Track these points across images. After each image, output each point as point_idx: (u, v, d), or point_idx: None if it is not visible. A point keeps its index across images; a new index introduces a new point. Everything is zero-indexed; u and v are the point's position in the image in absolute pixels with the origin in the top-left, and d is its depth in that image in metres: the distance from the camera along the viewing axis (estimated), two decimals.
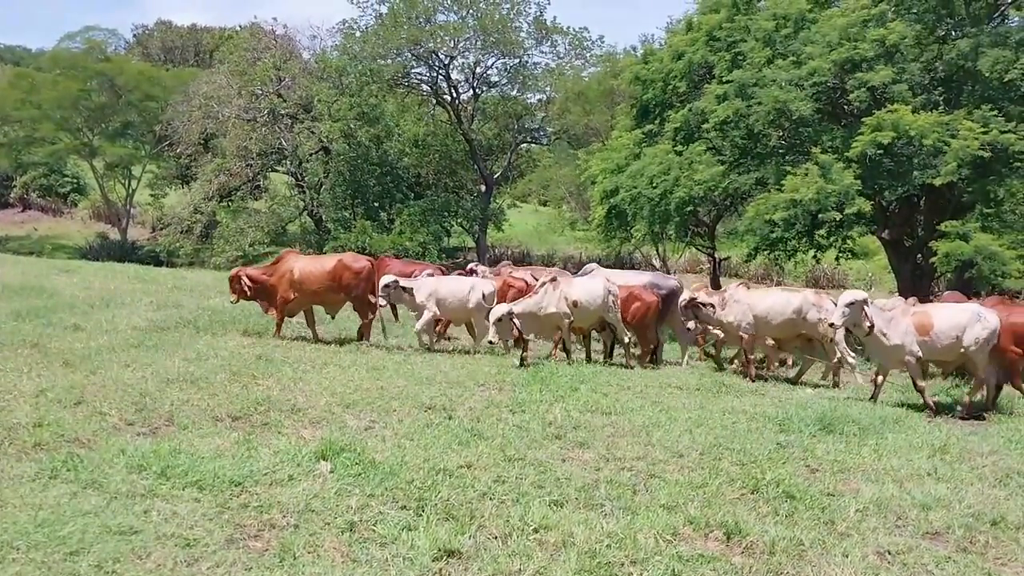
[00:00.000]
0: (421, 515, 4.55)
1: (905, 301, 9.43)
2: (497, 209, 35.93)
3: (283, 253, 11.65)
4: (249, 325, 11.21)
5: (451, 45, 32.70)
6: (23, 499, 4.42)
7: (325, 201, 31.73)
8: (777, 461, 6.03)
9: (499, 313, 9.85)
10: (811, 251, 17.21)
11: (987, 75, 14.15)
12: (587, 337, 11.45)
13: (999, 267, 13.62)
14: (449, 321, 11.86)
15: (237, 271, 11.17)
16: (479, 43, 32.95)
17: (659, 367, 11.23)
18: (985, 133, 13.54)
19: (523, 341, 10.19)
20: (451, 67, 33.68)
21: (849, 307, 8.67)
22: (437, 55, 32.91)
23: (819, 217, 14.61)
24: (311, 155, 32.04)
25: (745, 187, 16.71)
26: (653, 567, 4.14)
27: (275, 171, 35.84)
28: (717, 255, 25.65)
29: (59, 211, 47.45)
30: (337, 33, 34.07)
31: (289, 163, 33.05)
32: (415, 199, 32.32)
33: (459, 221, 34.35)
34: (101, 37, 41.99)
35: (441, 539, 4.20)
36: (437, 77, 34.27)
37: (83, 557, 3.82)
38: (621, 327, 10.94)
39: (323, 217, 31.96)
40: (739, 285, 11.20)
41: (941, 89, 15.50)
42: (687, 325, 11.30)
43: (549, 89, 35.58)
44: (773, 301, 10.62)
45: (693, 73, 18.08)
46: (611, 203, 18.41)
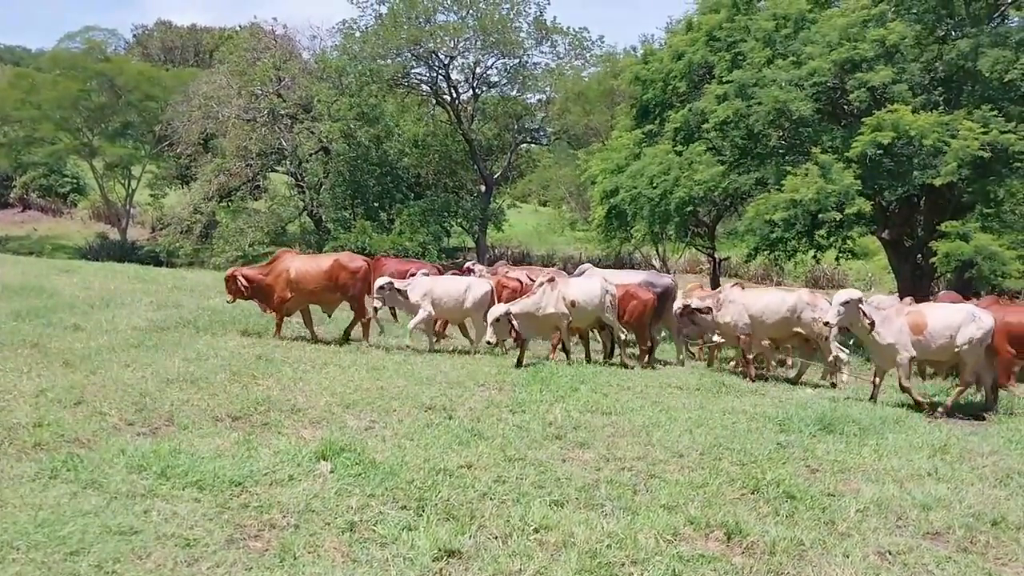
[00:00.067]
0: (421, 515, 4.55)
1: (900, 300, 9.42)
2: (497, 209, 35.93)
3: (279, 252, 11.60)
4: (249, 325, 11.22)
5: (451, 45, 32.72)
6: (23, 499, 4.42)
7: (325, 201, 31.73)
8: (777, 461, 6.03)
9: (497, 313, 9.85)
10: (811, 251, 17.20)
11: (987, 75, 14.14)
12: (585, 337, 11.45)
13: (999, 267, 13.61)
14: (446, 321, 11.85)
15: (233, 271, 11.16)
16: (479, 43, 32.98)
17: (653, 367, 11.21)
18: (985, 133, 13.53)
19: (523, 342, 10.19)
20: (451, 67, 33.72)
21: (844, 306, 8.64)
22: (437, 55, 32.92)
23: (819, 217, 14.60)
24: (311, 155, 32.03)
25: (745, 187, 16.69)
26: (654, 567, 4.14)
27: (275, 171, 35.83)
28: (717, 255, 25.64)
29: (59, 211, 47.45)
30: (337, 33, 34.15)
31: (289, 163, 33.05)
32: (415, 199, 32.33)
33: (459, 221, 34.36)
34: (101, 37, 42.04)
35: (441, 539, 4.21)
36: (437, 77, 34.29)
37: (83, 557, 3.82)
38: (618, 326, 10.94)
39: (323, 217, 31.97)
40: (734, 286, 11.18)
41: (941, 89, 15.49)
42: (683, 332, 11.36)
43: (549, 89, 35.62)
44: (768, 300, 10.63)
45: (693, 73, 18.06)
46: (611, 203, 18.39)
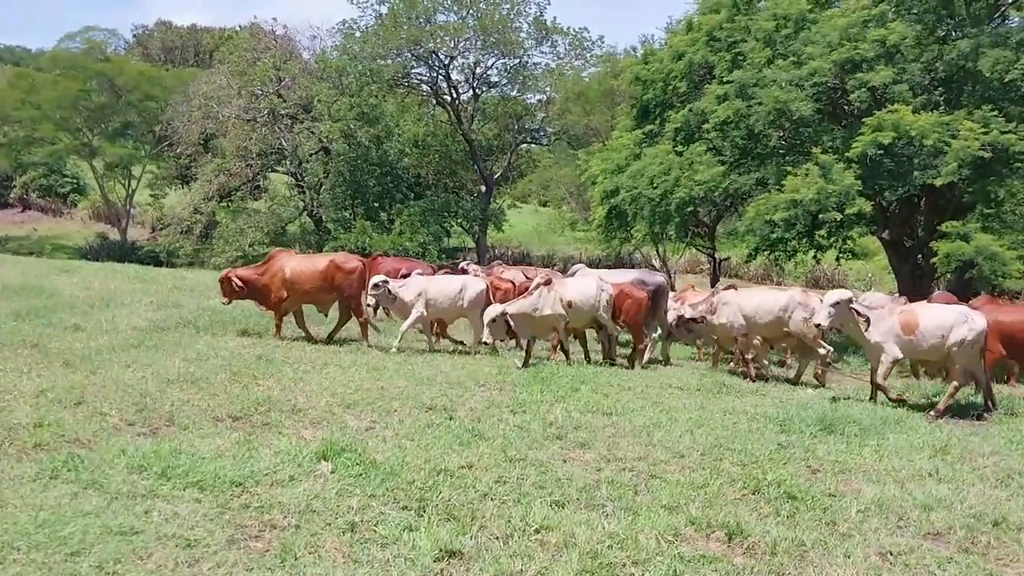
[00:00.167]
0: (422, 515, 4.55)
1: (893, 300, 9.40)
2: (497, 209, 35.96)
3: (274, 252, 11.60)
4: (249, 325, 11.21)
5: (451, 45, 32.75)
6: (24, 499, 4.41)
7: (325, 201, 31.74)
8: (778, 462, 6.03)
9: (493, 314, 9.84)
10: (811, 251, 17.22)
11: (987, 75, 14.15)
12: (582, 337, 11.43)
13: (999, 267, 13.62)
14: (443, 321, 11.82)
15: (227, 272, 11.14)
16: (479, 43, 33.01)
17: (648, 367, 11.13)
18: (985, 133, 13.54)
19: (529, 342, 10.19)
20: (451, 67, 33.76)
21: (835, 307, 8.64)
22: (437, 55, 32.94)
23: (819, 217, 14.62)
24: (311, 155, 32.05)
25: (745, 187, 16.71)
26: (655, 568, 4.13)
27: (275, 171, 35.86)
28: (717, 255, 25.67)
29: (59, 211, 47.48)
30: (337, 33, 34.22)
31: (289, 163, 33.07)
32: (415, 199, 32.35)
33: (459, 221, 34.38)
34: (101, 37, 42.06)
35: (442, 539, 4.20)
36: (437, 77, 34.32)
37: (84, 558, 3.81)
38: (612, 325, 10.88)
39: (323, 217, 31.98)
40: (727, 288, 11.13)
41: (941, 89, 15.50)
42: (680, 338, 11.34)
43: (549, 89, 35.67)
44: (761, 300, 10.60)
45: (693, 73, 18.08)
46: (611, 203, 18.42)
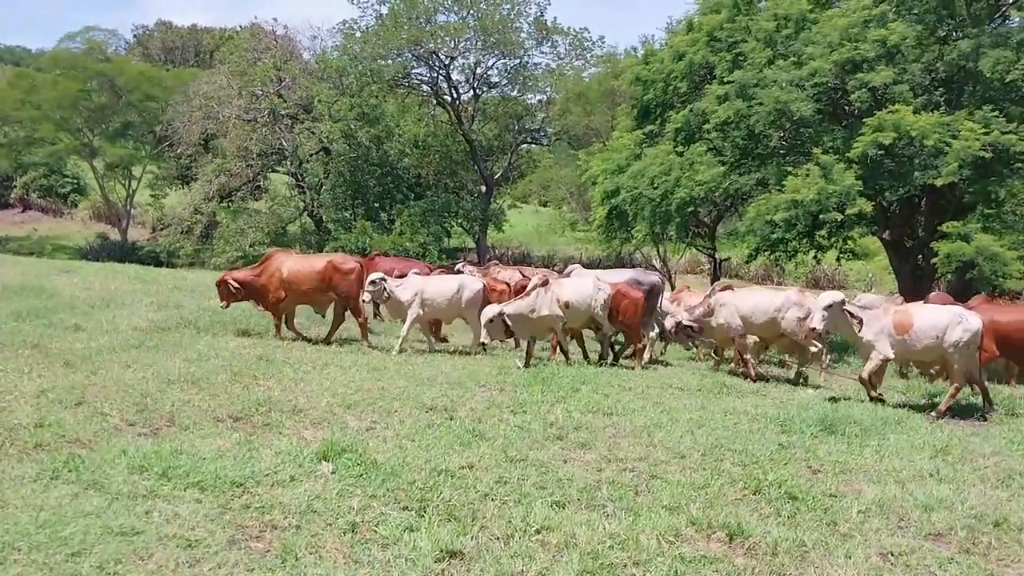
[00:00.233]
0: (423, 516, 4.55)
1: (886, 300, 9.40)
2: (497, 210, 35.97)
3: (270, 252, 11.65)
4: (250, 326, 11.21)
5: (451, 45, 32.76)
6: (24, 500, 4.41)
7: (325, 202, 31.75)
8: (779, 462, 6.02)
9: (491, 314, 9.82)
10: (812, 252, 17.23)
11: (988, 76, 14.14)
12: (579, 337, 11.33)
13: (1000, 268, 13.60)
14: (440, 321, 11.80)
15: (223, 276, 11.12)
16: (479, 43, 33.02)
17: (615, 364, 10.96)
18: (986, 134, 13.53)
19: (530, 342, 10.18)
20: (451, 67, 33.77)
21: (828, 310, 8.66)
22: (437, 55, 32.95)
23: (820, 218, 14.61)
24: (311, 155, 32.06)
25: (746, 188, 16.70)
26: (655, 568, 4.13)
27: (275, 171, 35.88)
28: (718, 256, 25.65)
29: (59, 211, 47.47)
30: (337, 33, 34.24)
31: (289, 163, 33.08)
32: (415, 200, 32.36)
33: (459, 222, 34.39)
34: (101, 37, 42.11)
35: (443, 540, 4.20)
36: (437, 77, 34.33)
37: (85, 558, 3.81)
38: (607, 325, 10.81)
39: (323, 218, 31.99)
40: (723, 288, 11.10)
41: (942, 90, 15.49)
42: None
43: (549, 90, 35.67)
44: (757, 300, 10.58)
45: (694, 74, 18.06)
46: (612, 204, 18.41)
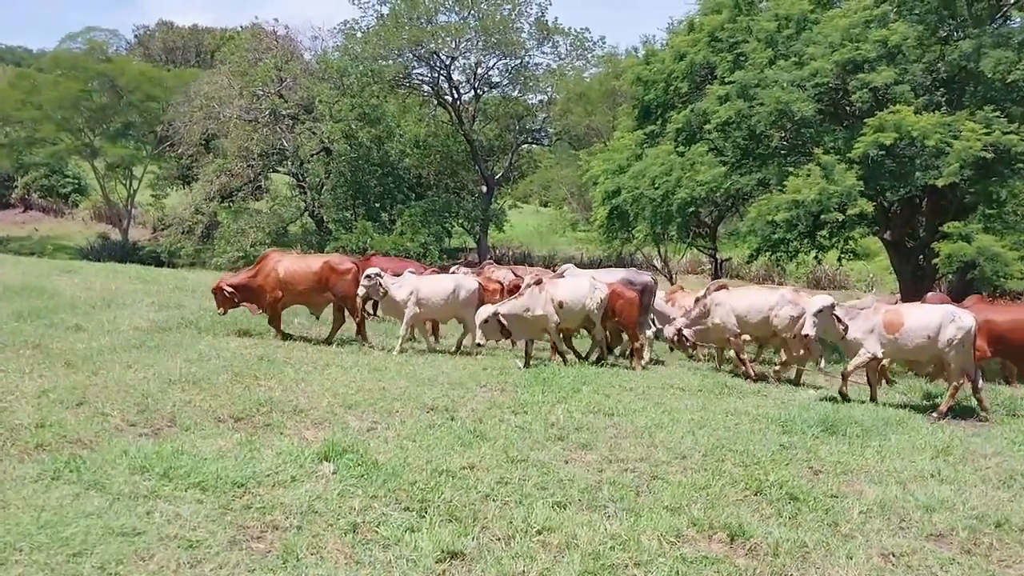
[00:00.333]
0: (424, 516, 4.55)
1: (878, 300, 9.44)
2: (498, 210, 35.97)
3: (266, 253, 11.67)
4: (250, 326, 11.22)
5: (452, 46, 32.78)
6: (26, 500, 4.42)
7: (326, 202, 31.76)
8: (780, 463, 6.02)
9: (485, 314, 9.80)
10: (813, 252, 17.20)
11: (989, 76, 14.12)
12: (568, 338, 11.21)
13: (1001, 268, 13.57)
14: (436, 321, 11.78)
15: (218, 283, 11.07)
16: (480, 44, 33.05)
17: (603, 364, 10.84)
18: (987, 134, 13.51)
19: (528, 343, 10.16)
20: (452, 68, 33.78)
21: (818, 315, 8.72)
22: (438, 56, 32.96)
23: (821, 218, 14.59)
24: (312, 156, 32.07)
25: (747, 188, 16.67)
26: (657, 569, 4.13)
27: (276, 172, 35.89)
28: (719, 256, 25.66)
29: (60, 212, 47.44)
30: (338, 34, 34.26)
31: (290, 164, 33.10)
32: (416, 200, 32.37)
33: (460, 222, 34.39)
34: (102, 38, 42.03)
35: (444, 540, 4.20)
36: (438, 78, 34.35)
37: (86, 559, 3.82)
38: (600, 327, 10.75)
39: (324, 218, 32.01)
40: (718, 287, 11.08)
41: (943, 90, 15.46)
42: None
43: (550, 90, 35.70)
44: (752, 300, 10.58)
45: (695, 74, 18.03)
46: (613, 204, 18.37)
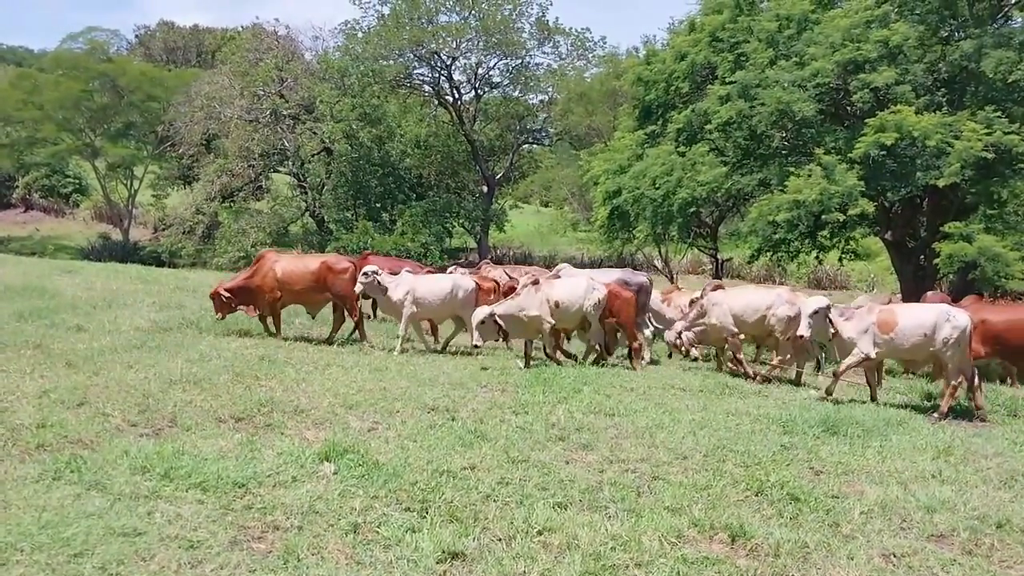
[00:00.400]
0: (425, 517, 4.55)
1: (871, 299, 9.44)
2: (499, 210, 35.97)
3: (262, 253, 11.70)
4: (252, 326, 11.22)
5: (453, 46, 32.78)
6: (27, 500, 4.42)
7: (327, 202, 31.78)
8: (781, 463, 6.02)
9: (481, 316, 9.79)
10: (814, 252, 17.19)
11: (991, 76, 14.11)
12: (558, 337, 11.00)
13: (1002, 268, 13.56)
14: (433, 321, 11.77)
15: (215, 289, 11.05)
16: (481, 44, 33.06)
17: (603, 364, 10.81)
18: (989, 134, 13.50)
19: (528, 343, 10.15)
20: (453, 68, 33.79)
21: (813, 316, 8.74)
22: (439, 56, 32.97)
23: (822, 218, 14.58)
24: (313, 156, 32.09)
25: (748, 188, 16.66)
26: (658, 569, 4.13)
27: (277, 172, 35.91)
28: (719, 256, 25.64)
29: (61, 212, 47.43)
30: (339, 34, 34.31)
31: (291, 164, 33.12)
32: (417, 200, 32.38)
33: (461, 222, 34.40)
34: (103, 38, 42.09)
35: (445, 541, 4.20)
36: (439, 78, 34.36)
37: (87, 559, 3.82)
38: (597, 327, 10.68)
39: (325, 218, 32.02)
40: (714, 287, 11.06)
41: (944, 90, 15.45)
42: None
43: (551, 90, 35.70)
44: (748, 299, 10.56)
45: (696, 74, 18.02)
46: (614, 204, 18.37)
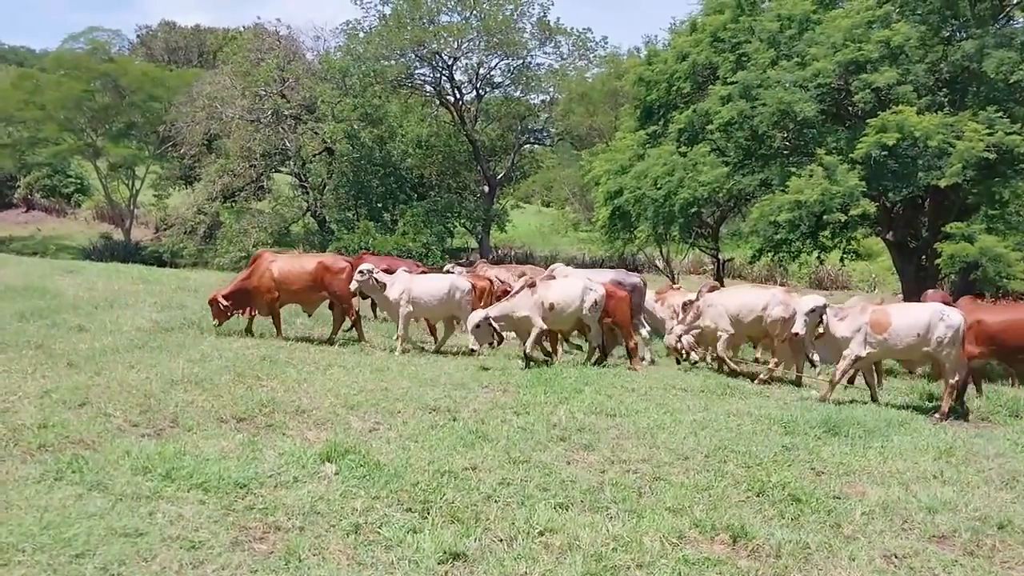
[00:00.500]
0: (426, 517, 4.55)
1: (864, 299, 9.45)
2: (500, 210, 35.96)
3: (258, 253, 11.72)
4: (252, 326, 11.21)
5: (454, 46, 32.78)
6: (28, 501, 4.42)
7: (328, 202, 31.79)
8: (782, 464, 6.01)
9: (477, 319, 9.75)
10: (815, 252, 17.23)
11: (992, 76, 14.12)
12: (554, 339, 11.04)
13: (1004, 269, 13.58)
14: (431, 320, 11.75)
15: (213, 295, 10.97)
16: (482, 44, 33.05)
17: (604, 365, 10.74)
18: (990, 135, 13.51)
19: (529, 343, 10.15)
20: (454, 68, 33.80)
21: (809, 315, 8.75)
22: (440, 56, 32.97)
23: (823, 218, 14.60)
24: (314, 156, 32.10)
25: (749, 188, 16.69)
26: (659, 570, 4.13)
27: (278, 172, 35.90)
28: (721, 256, 25.63)
29: (63, 212, 47.46)
30: (341, 34, 34.35)
31: (292, 164, 33.13)
32: (418, 200, 32.37)
33: (462, 222, 34.39)
34: (105, 38, 42.02)
35: (446, 542, 4.20)
36: (440, 78, 34.36)
37: (88, 559, 3.82)
38: (597, 328, 10.62)
39: (326, 218, 32.03)
40: (710, 288, 11.02)
41: (946, 90, 15.47)
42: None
43: (552, 90, 35.69)
44: (744, 300, 10.54)
45: (697, 74, 18.04)
46: (615, 204, 18.39)
